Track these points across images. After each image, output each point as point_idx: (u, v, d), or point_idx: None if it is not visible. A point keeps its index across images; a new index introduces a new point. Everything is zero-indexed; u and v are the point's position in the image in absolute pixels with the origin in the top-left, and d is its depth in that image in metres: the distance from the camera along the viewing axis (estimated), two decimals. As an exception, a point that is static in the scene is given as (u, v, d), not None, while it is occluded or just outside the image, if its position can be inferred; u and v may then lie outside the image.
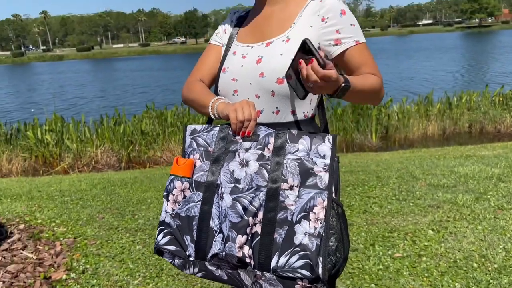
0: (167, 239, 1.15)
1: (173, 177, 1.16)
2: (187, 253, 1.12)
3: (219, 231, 1.08)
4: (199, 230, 1.11)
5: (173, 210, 1.16)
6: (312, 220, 1.01)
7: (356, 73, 1.20)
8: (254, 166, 1.08)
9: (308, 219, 1.02)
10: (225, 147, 1.14)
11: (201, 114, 1.26)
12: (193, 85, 1.28)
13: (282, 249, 1.02)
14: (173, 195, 1.16)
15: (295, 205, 1.03)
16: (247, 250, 1.04)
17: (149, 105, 9.70)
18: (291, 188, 1.05)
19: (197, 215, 1.12)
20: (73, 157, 7.91)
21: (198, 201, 1.13)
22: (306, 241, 1.00)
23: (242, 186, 1.08)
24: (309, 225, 1.01)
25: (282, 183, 1.05)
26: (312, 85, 0.98)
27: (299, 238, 1.01)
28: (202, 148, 1.17)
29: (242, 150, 1.11)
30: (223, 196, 1.08)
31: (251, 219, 1.04)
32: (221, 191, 1.10)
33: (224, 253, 1.05)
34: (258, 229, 1.04)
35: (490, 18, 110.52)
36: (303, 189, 1.04)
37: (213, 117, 1.19)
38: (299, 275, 0.99)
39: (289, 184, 1.05)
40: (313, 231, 1.01)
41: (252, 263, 1.04)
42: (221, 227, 1.08)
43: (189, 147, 1.19)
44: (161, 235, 1.16)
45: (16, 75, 45.81)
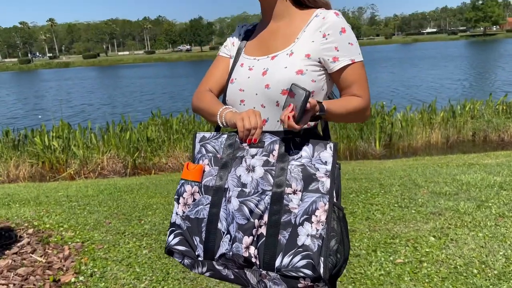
0: (177, 240, 1.22)
1: (183, 181, 1.24)
2: (196, 253, 1.19)
3: (226, 232, 1.15)
4: (208, 231, 1.17)
5: (183, 212, 1.23)
6: (314, 222, 1.08)
7: (346, 91, 1.28)
8: (260, 171, 1.15)
9: (310, 221, 1.08)
10: (233, 154, 1.21)
11: (210, 122, 1.33)
12: (203, 95, 1.35)
13: (285, 250, 1.08)
14: (184, 198, 1.23)
15: (298, 208, 1.10)
16: (253, 250, 1.10)
17: (155, 112, 9.81)
18: (295, 192, 1.11)
19: (206, 217, 1.19)
20: (79, 163, 8.00)
21: (207, 204, 1.20)
22: (308, 242, 1.07)
23: (248, 190, 1.15)
24: (311, 227, 1.08)
25: (286, 188, 1.12)
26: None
27: (301, 239, 1.08)
28: (211, 154, 1.24)
29: (248, 156, 1.18)
30: (231, 199, 1.15)
31: (256, 221, 1.11)
32: (228, 195, 1.17)
33: (231, 253, 1.11)
34: (263, 230, 1.11)
35: (494, 26, 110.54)
36: (305, 194, 1.11)
37: (221, 125, 1.26)
38: (301, 274, 1.06)
39: (292, 188, 1.12)
40: (315, 233, 1.07)
41: (257, 263, 1.10)
42: (228, 228, 1.15)
43: (199, 153, 1.27)
44: (172, 236, 1.23)
45: (23, 82, 46.24)
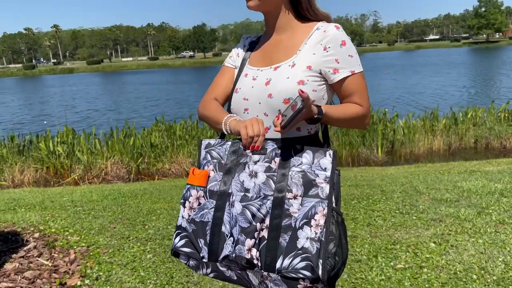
0: (183, 242, 1.28)
1: (189, 186, 1.30)
2: (201, 255, 1.25)
3: (230, 235, 1.20)
4: (212, 234, 1.23)
5: (189, 216, 1.29)
6: (313, 226, 1.13)
7: (346, 100, 1.34)
8: (262, 177, 1.21)
9: (309, 225, 1.14)
10: (236, 160, 1.27)
11: (215, 129, 1.39)
12: (209, 104, 1.42)
13: (286, 252, 1.13)
14: (189, 202, 1.29)
15: (298, 212, 1.15)
16: (254, 252, 1.16)
17: (159, 118, 9.90)
18: (295, 197, 1.17)
19: (210, 220, 1.24)
20: (83, 168, 8.08)
21: (211, 208, 1.25)
22: (307, 245, 1.12)
23: (251, 195, 1.20)
24: (311, 230, 1.13)
25: (287, 193, 1.17)
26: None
27: (301, 242, 1.13)
28: (215, 160, 1.30)
29: (251, 162, 1.24)
30: (234, 203, 1.21)
31: (258, 224, 1.16)
32: (232, 199, 1.22)
33: (234, 255, 1.17)
34: (265, 233, 1.16)
35: (497, 34, 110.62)
36: (305, 199, 1.16)
37: (225, 133, 1.32)
38: (301, 276, 1.11)
39: (293, 193, 1.17)
40: (314, 236, 1.13)
41: (259, 265, 1.16)
42: (231, 231, 1.20)
43: (204, 159, 1.32)
44: (178, 238, 1.29)
45: (28, 87, 46.56)
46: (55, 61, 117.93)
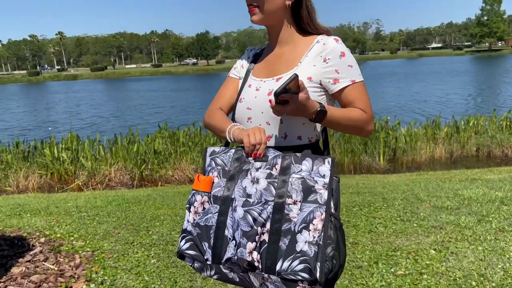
0: (188, 245, 1.34)
1: (194, 191, 1.36)
2: (205, 258, 1.31)
3: (232, 238, 1.26)
4: (216, 237, 1.29)
5: (194, 220, 1.35)
6: (311, 230, 1.19)
7: (348, 107, 1.39)
8: (263, 183, 1.27)
9: (308, 229, 1.19)
10: (239, 167, 1.32)
11: (219, 137, 1.46)
12: (214, 113, 1.49)
13: (285, 255, 1.19)
14: (194, 207, 1.35)
15: (297, 217, 1.21)
16: (256, 255, 1.21)
17: (162, 125, 9.98)
18: (295, 203, 1.22)
19: (214, 224, 1.30)
20: (87, 174, 8.15)
21: (215, 212, 1.31)
22: (306, 248, 1.17)
23: (252, 200, 1.26)
24: (309, 234, 1.18)
25: (287, 198, 1.23)
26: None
27: (300, 245, 1.18)
28: (219, 167, 1.36)
29: (253, 169, 1.30)
30: (236, 208, 1.27)
31: (259, 228, 1.22)
32: (234, 204, 1.28)
33: (236, 257, 1.22)
34: (265, 237, 1.22)
35: (500, 42, 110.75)
36: (304, 204, 1.22)
37: (229, 141, 1.38)
38: (299, 278, 1.16)
39: (293, 199, 1.22)
40: (312, 240, 1.18)
41: (260, 267, 1.21)
42: (234, 235, 1.26)
43: (209, 166, 1.39)
44: (183, 241, 1.35)
45: (32, 94, 46.87)
46: (59, 67, 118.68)
